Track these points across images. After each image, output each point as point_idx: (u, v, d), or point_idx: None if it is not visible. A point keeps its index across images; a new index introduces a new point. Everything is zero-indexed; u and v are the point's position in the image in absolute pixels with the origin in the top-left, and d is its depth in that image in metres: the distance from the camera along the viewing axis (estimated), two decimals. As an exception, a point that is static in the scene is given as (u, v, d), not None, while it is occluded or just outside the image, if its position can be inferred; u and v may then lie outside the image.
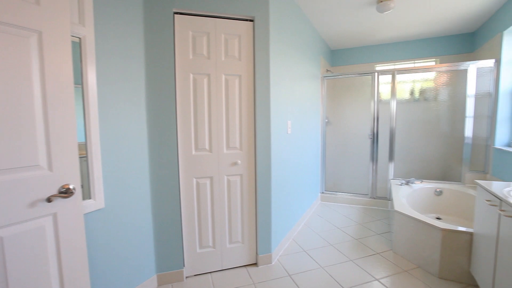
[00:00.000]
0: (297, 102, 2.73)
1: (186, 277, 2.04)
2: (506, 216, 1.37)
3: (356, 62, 4.34)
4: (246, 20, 2.00)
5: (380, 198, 3.52)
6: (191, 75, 1.91)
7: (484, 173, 3.06)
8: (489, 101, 2.98)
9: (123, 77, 1.65)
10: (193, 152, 1.97)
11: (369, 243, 2.55)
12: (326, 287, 1.91)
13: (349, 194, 3.71)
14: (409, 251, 2.22)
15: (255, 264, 2.21)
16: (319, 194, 3.82)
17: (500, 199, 1.43)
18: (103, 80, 1.54)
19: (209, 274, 2.09)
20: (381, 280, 1.98)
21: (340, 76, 3.71)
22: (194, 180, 1.99)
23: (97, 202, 1.51)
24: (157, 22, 1.80)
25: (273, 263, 2.22)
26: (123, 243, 1.69)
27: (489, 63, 2.91)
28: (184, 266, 2.02)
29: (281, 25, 2.29)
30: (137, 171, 1.76)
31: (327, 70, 3.91)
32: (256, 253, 2.19)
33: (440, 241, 1.96)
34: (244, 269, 2.15)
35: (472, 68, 3.01)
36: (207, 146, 1.99)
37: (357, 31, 3.54)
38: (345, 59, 4.41)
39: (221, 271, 2.12)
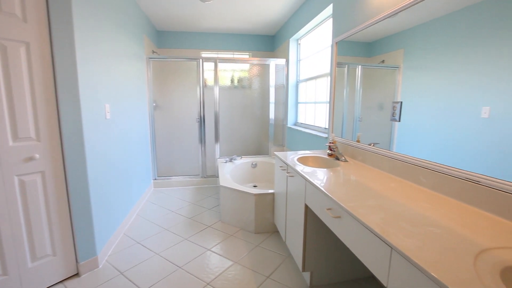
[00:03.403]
0: (118, 83, 2.43)
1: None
2: (289, 176, 1.86)
3: (183, 46, 4.38)
4: (31, -31, 1.52)
5: (210, 176, 3.87)
6: None
7: (282, 146, 4.01)
8: (283, 91, 3.88)
9: None
10: (-52, 148, 1.34)
11: (201, 219, 2.76)
12: (162, 272, 1.91)
13: (182, 176, 3.82)
14: (233, 218, 2.59)
15: (76, 274, 1.86)
16: (152, 181, 3.69)
17: (287, 164, 1.92)
18: None
19: (0, 310, 1.57)
20: (212, 249, 2.20)
21: (167, 59, 3.63)
22: (-44, 188, 1.37)
23: None
24: None
25: (100, 266, 1.96)
26: None
27: (282, 61, 3.77)
28: None
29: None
30: None
31: (153, 52, 3.72)
32: (76, 261, 1.85)
33: (254, 204, 2.42)
34: (61, 285, 1.77)
35: (273, 64, 3.78)
36: (-25, 138, 1.41)
37: (184, 15, 3.56)
38: (173, 42, 4.35)
39: (23, 299, 1.64)
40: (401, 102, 1.52)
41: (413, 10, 1.41)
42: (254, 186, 3.46)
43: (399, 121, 1.55)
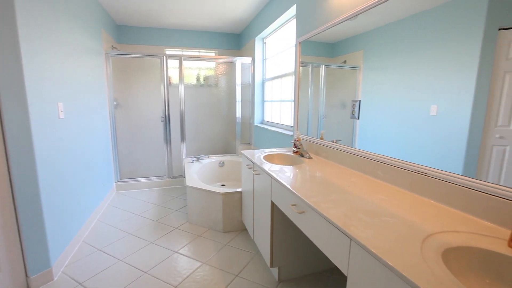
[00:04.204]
0: (72, 80, 2.26)
1: None
2: (256, 174, 1.88)
3: (146, 42, 4.20)
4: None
5: (177, 177, 3.76)
6: None
7: (249, 144, 4.03)
8: (249, 90, 3.90)
9: None
10: None
11: (168, 221, 2.67)
12: (126, 279, 1.82)
13: (147, 178, 3.67)
14: (201, 218, 2.55)
15: (26, 290, 1.71)
16: (114, 183, 3.49)
17: (253, 163, 1.93)
18: None
19: None
20: (179, 251, 2.15)
21: (128, 55, 3.45)
22: None
23: None
24: None
25: (56, 279, 1.82)
26: None
27: (248, 60, 3.78)
28: None
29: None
30: None
31: (113, 47, 3.51)
32: (26, 275, 1.69)
33: (222, 203, 2.40)
34: (7, 302, 1.61)
35: (239, 62, 3.78)
36: None
37: (145, 10, 3.40)
38: (134, 38, 4.15)
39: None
40: (360, 101, 1.61)
41: (370, 14, 1.49)
42: (222, 185, 3.43)
43: (358, 118, 1.63)
